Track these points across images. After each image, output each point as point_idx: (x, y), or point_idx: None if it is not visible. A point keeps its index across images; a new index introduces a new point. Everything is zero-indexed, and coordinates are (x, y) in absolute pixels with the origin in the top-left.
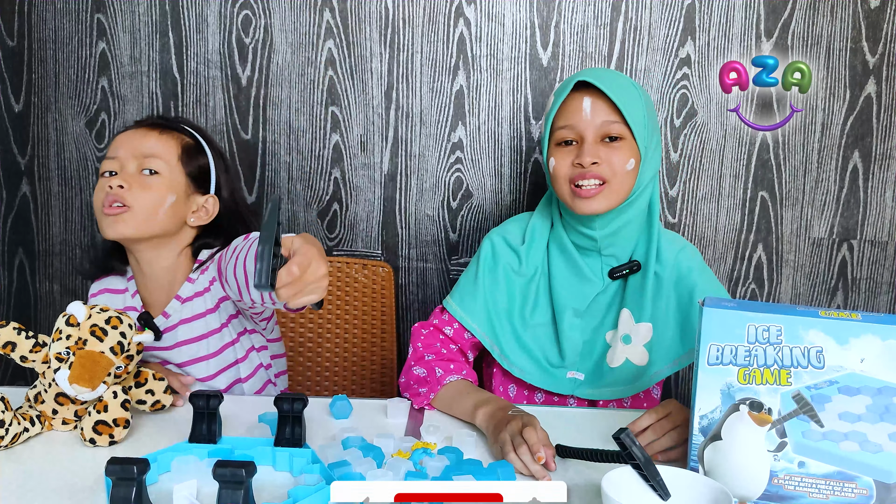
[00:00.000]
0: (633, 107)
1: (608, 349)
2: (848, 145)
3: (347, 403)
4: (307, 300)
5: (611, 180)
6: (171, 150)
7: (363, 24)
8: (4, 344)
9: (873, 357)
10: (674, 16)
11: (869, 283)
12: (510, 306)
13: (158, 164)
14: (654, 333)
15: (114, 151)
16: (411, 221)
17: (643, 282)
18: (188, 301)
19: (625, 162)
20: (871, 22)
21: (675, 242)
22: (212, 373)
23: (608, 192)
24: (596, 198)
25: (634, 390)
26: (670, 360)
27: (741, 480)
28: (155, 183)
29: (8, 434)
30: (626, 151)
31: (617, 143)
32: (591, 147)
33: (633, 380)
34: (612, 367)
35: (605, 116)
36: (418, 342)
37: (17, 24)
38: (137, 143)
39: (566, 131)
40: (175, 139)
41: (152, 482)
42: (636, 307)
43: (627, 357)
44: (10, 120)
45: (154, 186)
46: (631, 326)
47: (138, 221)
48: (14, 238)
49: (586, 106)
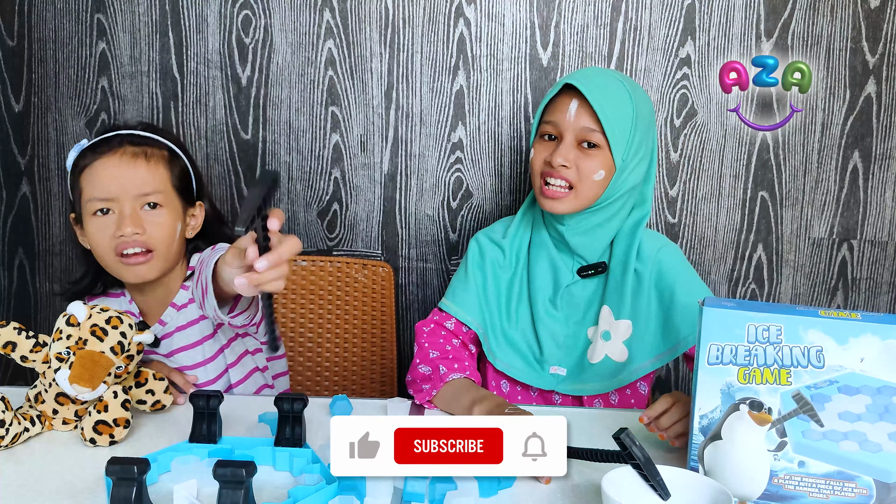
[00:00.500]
0: (616, 119)
1: (590, 345)
2: (848, 145)
3: (347, 403)
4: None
5: (577, 186)
6: (164, 177)
7: (363, 24)
8: (5, 344)
9: (873, 357)
10: (674, 16)
11: (869, 283)
12: (497, 300)
13: (158, 197)
14: (633, 330)
15: (103, 191)
16: (411, 221)
17: (623, 279)
18: (183, 308)
19: (594, 171)
20: (871, 22)
21: (656, 241)
22: (210, 378)
23: (573, 196)
24: (560, 200)
25: (615, 385)
26: (651, 356)
27: (741, 480)
28: (161, 217)
29: (8, 434)
30: (599, 161)
31: (593, 150)
32: (566, 149)
33: (613, 375)
34: (593, 363)
35: (586, 123)
36: (423, 340)
37: (17, 24)
38: (130, 183)
39: (549, 126)
40: (162, 163)
41: (152, 482)
42: (616, 304)
43: (607, 353)
44: (10, 120)
45: (163, 221)
46: (611, 323)
47: (160, 262)
48: (14, 238)
49: (571, 108)
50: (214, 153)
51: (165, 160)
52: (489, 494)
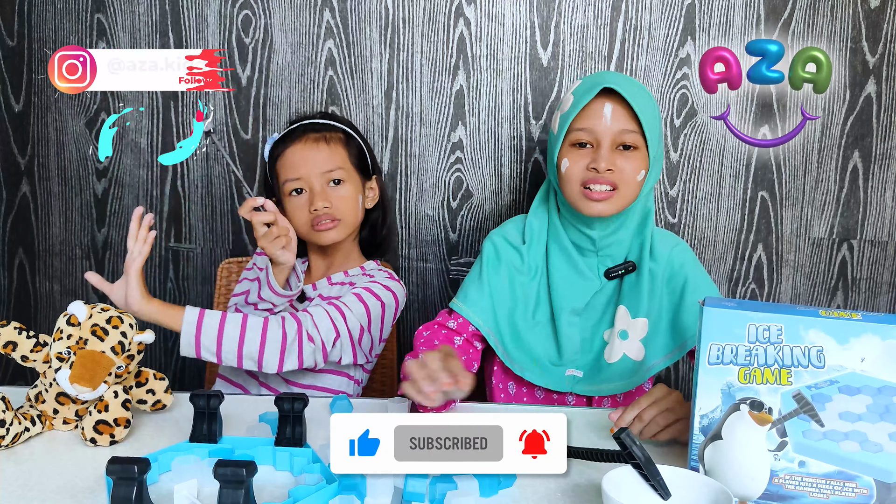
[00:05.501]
0: (651, 118)
1: (605, 346)
2: (848, 145)
3: (347, 403)
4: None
5: (621, 187)
6: (343, 156)
7: (363, 24)
8: (5, 343)
9: (874, 357)
10: (674, 16)
11: (869, 283)
12: (514, 304)
13: (340, 173)
14: (649, 328)
15: (294, 172)
16: (411, 221)
17: (638, 279)
18: (336, 285)
19: (637, 172)
20: (871, 22)
21: (669, 240)
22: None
23: (617, 198)
24: (605, 202)
25: (631, 385)
26: (663, 353)
27: (741, 480)
28: (345, 191)
29: (9, 434)
30: (639, 162)
31: (630, 152)
32: (608, 153)
33: (630, 374)
34: (610, 363)
35: (623, 125)
36: (419, 344)
37: (17, 24)
38: (314, 163)
39: (583, 134)
40: (340, 144)
41: (153, 482)
42: (632, 303)
43: (625, 352)
44: (10, 120)
45: (347, 195)
46: (628, 322)
47: (346, 227)
48: (14, 238)
49: (607, 112)
50: (214, 153)
51: (342, 142)
52: (489, 494)
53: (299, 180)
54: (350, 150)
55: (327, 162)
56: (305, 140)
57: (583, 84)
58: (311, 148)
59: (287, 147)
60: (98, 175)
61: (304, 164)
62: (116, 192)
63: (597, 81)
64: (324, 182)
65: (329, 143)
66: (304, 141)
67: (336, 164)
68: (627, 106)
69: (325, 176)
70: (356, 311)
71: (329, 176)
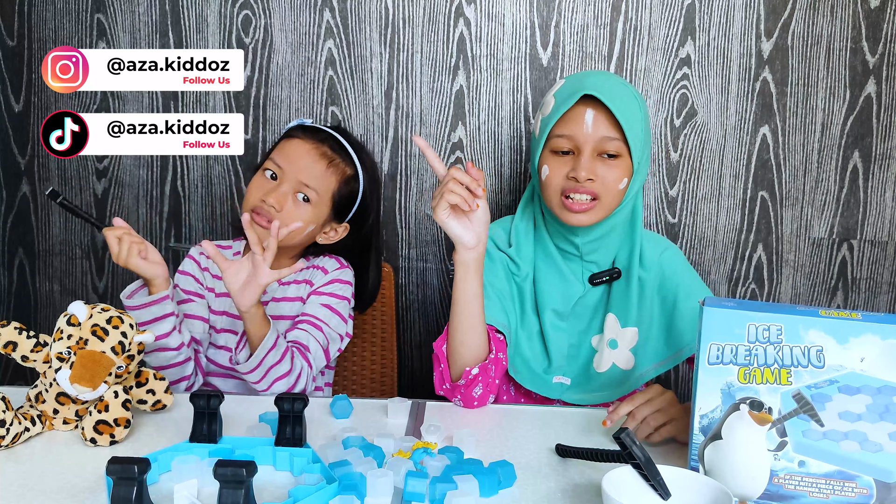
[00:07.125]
0: (634, 124)
1: (594, 354)
2: (848, 145)
3: (348, 403)
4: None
5: (602, 197)
6: (330, 185)
7: (363, 24)
8: (6, 344)
9: (873, 356)
10: (674, 16)
11: (869, 283)
12: (513, 306)
13: (312, 195)
14: (639, 337)
15: (282, 157)
16: (411, 221)
17: (628, 286)
18: (284, 285)
19: (619, 181)
20: (871, 22)
21: (658, 245)
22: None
23: (598, 208)
24: (585, 213)
25: (621, 393)
26: (654, 361)
27: (741, 480)
28: (303, 212)
29: (9, 434)
30: (622, 170)
31: (613, 160)
32: (588, 162)
33: (620, 384)
34: (599, 372)
35: (605, 132)
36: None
37: (17, 24)
38: (301, 169)
39: (564, 141)
40: (338, 174)
41: (153, 482)
42: (621, 312)
43: (614, 362)
44: (10, 120)
45: (303, 215)
46: (617, 331)
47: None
48: (14, 238)
49: (588, 119)
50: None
51: (343, 176)
52: (489, 494)
53: (281, 170)
54: (343, 187)
55: (313, 178)
56: (317, 148)
57: (565, 86)
58: (314, 158)
59: (300, 139)
60: (98, 175)
61: (296, 163)
62: (116, 192)
63: (578, 87)
64: (294, 187)
65: (329, 168)
66: (316, 147)
67: (318, 186)
68: (610, 112)
69: (298, 185)
70: (334, 325)
71: (301, 188)
